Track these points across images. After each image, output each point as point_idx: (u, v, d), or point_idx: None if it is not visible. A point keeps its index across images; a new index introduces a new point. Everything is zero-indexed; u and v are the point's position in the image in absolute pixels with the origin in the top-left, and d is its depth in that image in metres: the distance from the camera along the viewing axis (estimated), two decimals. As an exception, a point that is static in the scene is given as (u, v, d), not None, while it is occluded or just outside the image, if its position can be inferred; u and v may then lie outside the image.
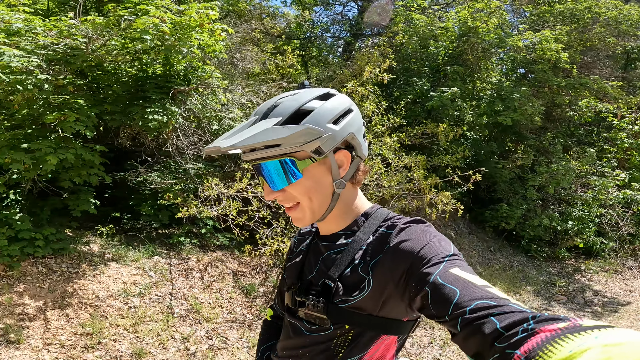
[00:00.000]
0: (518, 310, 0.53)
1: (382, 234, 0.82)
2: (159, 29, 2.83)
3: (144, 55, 3.43)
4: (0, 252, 3.31)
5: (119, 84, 3.66)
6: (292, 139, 0.77)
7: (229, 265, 4.56)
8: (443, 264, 0.67)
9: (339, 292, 0.81)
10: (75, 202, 4.10)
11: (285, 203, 0.84)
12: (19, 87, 2.88)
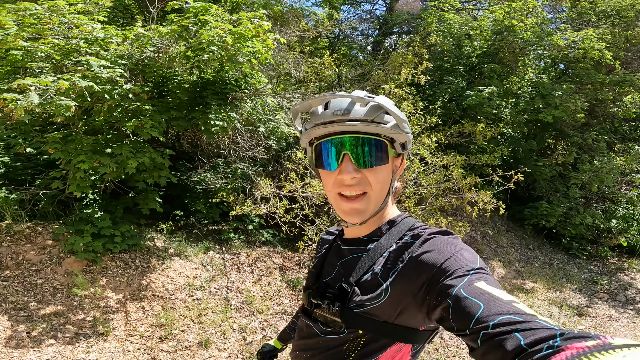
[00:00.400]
0: (545, 327, 0.51)
1: (406, 243, 0.82)
2: (222, 39, 3.12)
3: (201, 64, 3.74)
4: (86, 248, 3.74)
5: (181, 91, 4.00)
6: (400, 123, 0.83)
7: (275, 260, 4.86)
8: (468, 277, 0.66)
9: (355, 296, 0.81)
10: (144, 201, 4.53)
11: (354, 190, 0.82)
12: (106, 96, 3.26)
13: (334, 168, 0.82)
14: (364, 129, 0.80)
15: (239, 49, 3.55)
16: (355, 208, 0.83)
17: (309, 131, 0.84)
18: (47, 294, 3.46)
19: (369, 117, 0.80)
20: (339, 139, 0.81)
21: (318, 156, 0.86)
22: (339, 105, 0.81)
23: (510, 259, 6.48)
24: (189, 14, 3.76)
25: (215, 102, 3.97)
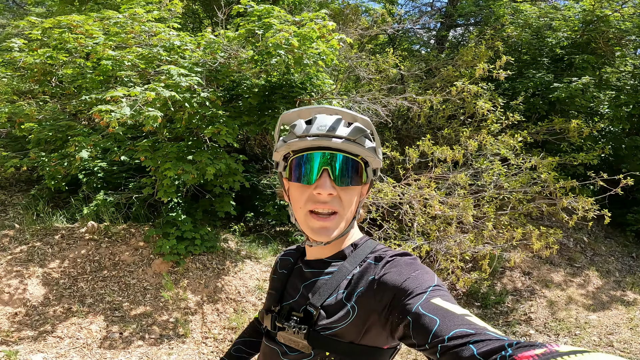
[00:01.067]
0: (495, 338, 0.54)
1: (369, 265, 0.84)
2: (289, 42, 3.07)
3: (268, 67, 3.73)
4: (171, 250, 3.94)
5: (251, 96, 4.04)
6: (377, 148, 0.86)
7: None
8: (425, 295, 0.69)
9: (321, 319, 0.82)
10: (220, 204, 4.70)
11: (327, 208, 0.83)
12: (186, 104, 3.39)
13: (312, 182, 0.82)
14: (346, 148, 0.81)
15: (305, 51, 3.48)
16: (326, 226, 0.83)
17: (288, 143, 0.83)
18: (139, 294, 3.70)
19: (352, 136, 0.81)
20: (320, 154, 0.82)
21: (293, 170, 0.85)
22: (324, 121, 0.82)
23: (610, 268, 5.69)
24: (253, 17, 3.77)
25: (283, 105, 3.96)
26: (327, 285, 0.84)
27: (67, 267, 3.80)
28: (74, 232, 4.23)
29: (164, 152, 3.75)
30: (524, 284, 5.21)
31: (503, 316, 4.71)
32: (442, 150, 5.03)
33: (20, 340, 3.07)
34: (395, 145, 5.76)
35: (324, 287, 0.85)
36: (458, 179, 4.92)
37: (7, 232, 4.18)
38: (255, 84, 4.03)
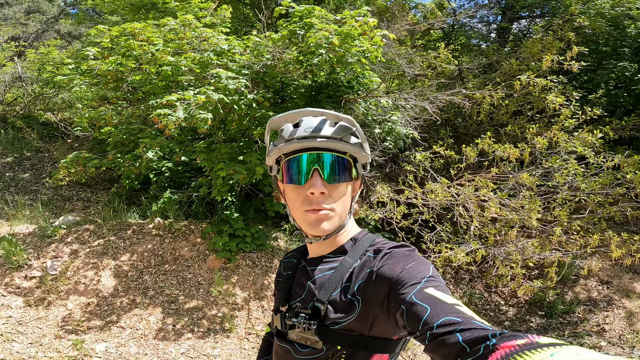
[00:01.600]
0: (481, 327, 0.56)
1: (368, 258, 0.86)
2: (329, 41, 3.06)
3: (313, 67, 3.75)
4: (224, 247, 4.15)
5: (298, 96, 4.11)
6: (363, 143, 0.90)
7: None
8: (420, 285, 0.71)
9: (329, 314, 0.84)
10: (270, 204, 4.84)
11: (319, 205, 0.85)
12: (235, 106, 3.55)
13: (303, 182, 0.85)
14: (332, 147, 0.85)
15: (347, 49, 3.45)
16: (321, 218, 0.85)
17: (278, 147, 0.87)
18: (193, 288, 3.94)
19: (337, 135, 0.85)
20: (309, 155, 0.85)
21: (286, 172, 0.88)
22: (310, 123, 0.86)
23: None
24: (295, 18, 3.83)
25: (330, 105, 3.96)
26: (331, 280, 0.87)
27: (135, 261, 4.18)
28: (143, 228, 4.65)
29: (218, 153, 3.97)
30: (600, 293, 4.61)
31: (571, 326, 4.23)
32: (504, 148, 4.65)
33: (88, 330, 3.41)
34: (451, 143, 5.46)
35: (328, 282, 0.87)
36: (523, 178, 4.50)
37: (88, 226, 4.73)
38: (302, 84, 4.09)
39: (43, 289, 3.73)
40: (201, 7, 4.14)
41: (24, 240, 4.39)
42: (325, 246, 0.93)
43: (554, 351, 0.42)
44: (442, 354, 0.57)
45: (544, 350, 0.42)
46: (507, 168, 4.87)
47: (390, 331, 0.84)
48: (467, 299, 4.58)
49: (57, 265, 4.02)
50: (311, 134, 0.84)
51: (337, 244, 0.93)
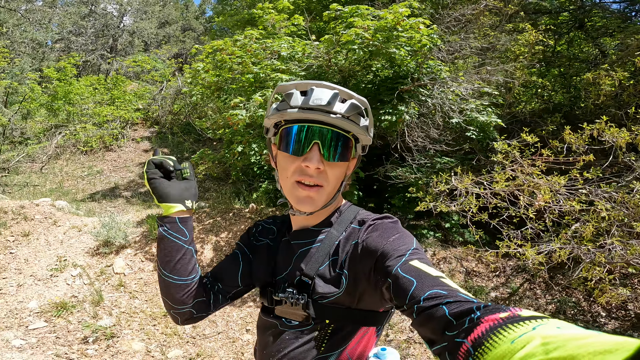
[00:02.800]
0: (466, 300, 0.56)
1: (353, 230, 0.86)
2: (361, 37, 3.17)
3: (372, 62, 3.88)
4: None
5: (358, 92, 4.31)
6: (369, 126, 0.86)
7: (466, 263, 4.31)
8: (405, 257, 0.71)
9: (317, 288, 0.83)
10: (344, 193, 5.18)
11: (312, 180, 0.83)
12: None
13: (302, 154, 0.83)
14: (339, 124, 0.82)
15: (389, 41, 3.47)
16: (310, 196, 0.85)
17: (282, 112, 0.84)
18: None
19: (347, 113, 0.82)
20: (313, 127, 0.82)
21: (283, 138, 0.85)
22: (320, 95, 0.81)
23: None
24: (341, 19, 4.03)
25: (389, 97, 4.04)
26: (318, 253, 0.86)
27: (230, 238, 5.12)
28: (242, 212, 5.62)
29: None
30: None
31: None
32: (613, 133, 3.85)
33: None
34: (551, 130, 4.76)
35: (315, 255, 0.86)
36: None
37: (205, 209, 5.97)
38: (361, 80, 4.29)
39: (167, 255, 4.96)
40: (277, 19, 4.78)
41: (164, 218, 5.86)
42: (310, 218, 0.91)
43: (536, 324, 0.42)
44: (430, 328, 0.57)
45: (525, 323, 0.43)
46: (631, 157, 4.03)
47: (377, 304, 0.85)
48: (554, 306, 3.96)
49: (179, 236, 5.28)
50: (318, 105, 0.80)
51: (323, 216, 0.92)
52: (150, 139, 11.64)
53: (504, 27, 5.60)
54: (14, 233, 5.55)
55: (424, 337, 0.59)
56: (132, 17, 18.37)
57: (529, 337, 0.39)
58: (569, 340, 0.34)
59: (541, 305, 3.75)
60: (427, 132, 4.55)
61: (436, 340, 0.55)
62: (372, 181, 6.11)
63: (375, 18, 3.70)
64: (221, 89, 5.04)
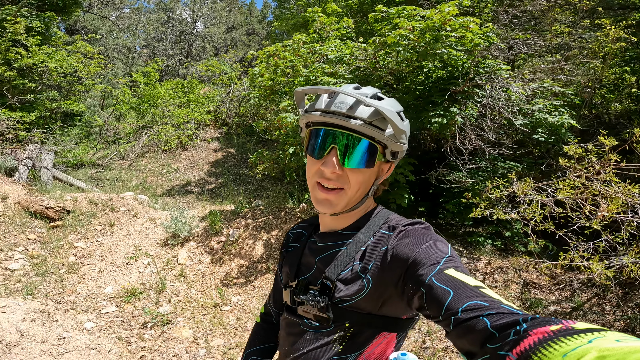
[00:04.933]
0: (510, 312, 0.53)
1: (383, 235, 0.83)
2: (406, 38, 3.04)
3: (425, 63, 3.72)
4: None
5: (410, 93, 4.16)
6: (397, 132, 0.82)
7: (525, 274, 3.94)
8: (439, 266, 0.68)
9: (338, 292, 0.82)
10: (393, 196, 5.06)
11: (331, 184, 0.82)
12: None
13: (319, 157, 0.83)
14: (359, 129, 0.79)
15: (437, 41, 3.29)
16: (328, 199, 0.84)
17: (309, 113, 0.85)
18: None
19: (368, 118, 0.79)
20: (331, 131, 0.81)
21: (308, 140, 0.86)
22: (344, 99, 0.80)
23: None
24: (387, 20, 3.89)
25: (439, 98, 3.85)
26: (342, 257, 0.85)
27: (280, 236, 5.31)
28: (293, 211, 5.79)
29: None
30: None
31: None
32: None
33: (234, 285, 4.64)
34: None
35: (338, 259, 0.85)
36: None
37: (260, 207, 6.26)
38: (413, 81, 4.14)
39: (223, 251, 5.31)
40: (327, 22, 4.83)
41: (225, 215, 6.27)
42: (338, 221, 0.90)
43: (592, 337, 0.39)
44: (469, 340, 0.54)
45: (580, 336, 0.40)
46: None
47: (401, 311, 0.83)
48: (623, 322, 3.44)
49: (235, 234, 5.61)
50: (340, 110, 0.79)
51: (351, 220, 0.90)
52: (219, 139, 12.51)
53: (579, 23, 4.98)
54: (102, 223, 6.39)
55: (461, 349, 0.55)
56: (203, 23, 19.90)
57: (583, 350, 0.36)
58: (629, 354, 0.32)
59: (608, 322, 3.32)
60: (484, 134, 4.24)
61: (476, 353, 0.52)
62: (426, 185, 5.87)
63: (422, 18, 3.55)
64: (275, 92, 5.23)
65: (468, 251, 4.54)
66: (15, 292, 4.28)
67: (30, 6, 10.42)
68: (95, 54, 11.71)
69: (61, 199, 6.58)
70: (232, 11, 20.89)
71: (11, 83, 9.68)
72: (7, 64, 9.61)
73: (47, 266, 5.06)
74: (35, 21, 10.26)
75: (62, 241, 5.67)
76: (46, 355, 3.07)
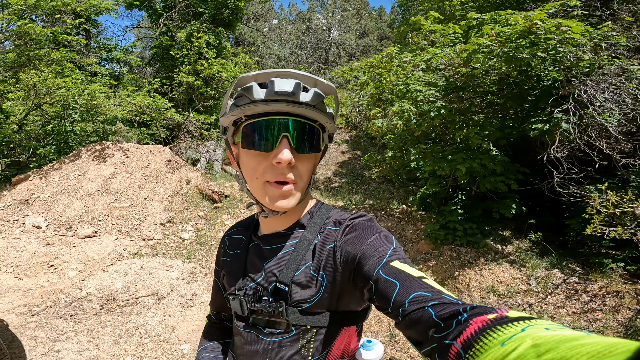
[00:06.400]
0: (450, 302, 0.56)
1: (329, 232, 0.82)
2: (485, 45, 2.86)
3: (527, 67, 3.45)
4: (431, 234, 4.72)
5: (512, 98, 3.87)
6: (335, 114, 0.81)
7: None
8: (385, 258, 0.70)
9: (294, 295, 0.80)
10: (497, 206, 4.75)
11: (284, 178, 0.77)
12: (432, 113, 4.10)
13: (271, 150, 0.76)
14: (306, 114, 0.76)
15: (528, 45, 3.02)
16: (285, 195, 0.78)
17: (242, 107, 0.76)
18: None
19: (312, 102, 0.75)
20: (280, 120, 0.76)
21: (247, 136, 0.78)
22: (282, 85, 0.73)
23: None
24: (478, 27, 3.67)
25: (545, 103, 3.53)
26: (293, 258, 0.82)
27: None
28: (393, 211, 6.01)
29: (427, 153, 4.63)
30: None
31: None
32: None
33: None
34: None
35: (290, 261, 0.82)
36: None
37: (365, 205, 6.67)
38: (517, 82, 3.86)
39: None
40: (433, 29, 4.89)
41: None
42: (280, 221, 0.87)
43: (525, 326, 0.42)
44: (416, 331, 0.56)
45: (514, 325, 0.43)
46: None
47: (356, 304, 0.84)
48: None
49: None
50: (282, 97, 0.73)
51: (294, 218, 0.87)
52: (348, 142, 13.40)
53: None
54: (245, 207, 7.91)
55: (410, 338, 0.59)
56: (337, 31, 21.25)
57: (518, 338, 0.39)
58: (561, 342, 0.34)
59: None
60: (615, 143, 3.60)
61: (423, 342, 0.55)
62: (538, 197, 5.22)
63: (511, 25, 3.32)
64: (380, 99, 5.57)
65: (584, 271, 3.95)
66: (180, 255, 5.86)
67: (206, 22, 13.33)
68: (252, 64, 14.12)
69: (222, 185, 8.40)
70: (363, 17, 21.68)
71: (199, 90, 12.59)
72: (195, 74, 12.53)
73: (205, 238, 6.64)
74: (212, 36, 13.06)
75: (218, 219, 7.29)
76: (179, 306, 4.18)
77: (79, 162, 7.61)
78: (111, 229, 6.39)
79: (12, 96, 8.35)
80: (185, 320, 3.90)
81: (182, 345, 3.43)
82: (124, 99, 9.75)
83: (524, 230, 4.87)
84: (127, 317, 3.88)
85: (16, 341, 3.16)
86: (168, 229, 6.74)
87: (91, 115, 9.32)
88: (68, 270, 5.08)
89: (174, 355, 3.27)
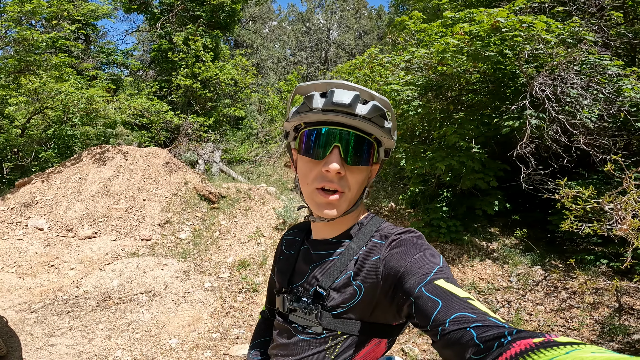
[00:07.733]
0: (496, 325, 0.54)
1: (375, 245, 0.83)
2: (452, 45, 2.96)
3: (502, 65, 3.52)
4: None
5: (482, 95, 3.96)
6: (393, 129, 0.83)
7: (628, 299, 3.34)
8: (430, 276, 0.69)
9: (330, 300, 0.83)
10: (480, 203, 4.85)
11: (332, 187, 0.80)
12: (410, 113, 4.21)
13: (321, 157, 0.80)
14: (361, 126, 0.79)
15: (479, 46, 3.11)
16: (331, 203, 0.82)
17: (301, 115, 0.81)
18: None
19: (369, 115, 0.78)
20: (333, 130, 0.79)
21: (304, 142, 0.83)
22: (340, 96, 0.77)
23: None
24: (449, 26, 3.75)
25: (517, 100, 3.62)
26: (335, 266, 0.85)
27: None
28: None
29: (413, 152, 4.73)
30: None
31: None
32: None
33: None
34: None
35: (332, 268, 0.85)
36: None
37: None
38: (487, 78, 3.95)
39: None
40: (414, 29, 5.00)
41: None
42: (330, 228, 0.90)
43: (570, 349, 0.40)
44: (454, 351, 0.55)
45: (560, 348, 0.41)
46: None
47: (391, 318, 0.84)
48: None
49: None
50: (339, 107, 0.76)
51: (343, 227, 0.89)
52: (348, 140, 13.54)
53: None
54: (241, 207, 8.06)
55: (446, 359, 0.58)
56: (336, 31, 21.33)
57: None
58: None
59: None
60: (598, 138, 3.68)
61: None
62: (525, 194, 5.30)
63: (479, 23, 3.41)
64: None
65: (565, 268, 4.04)
66: (176, 255, 6.04)
67: (203, 25, 13.49)
68: (249, 66, 14.28)
69: (219, 186, 8.58)
70: (362, 17, 21.71)
71: (197, 93, 12.80)
72: (193, 77, 12.73)
73: (201, 238, 6.81)
74: (208, 39, 13.24)
75: (214, 219, 7.45)
76: (172, 303, 4.36)
77: (80, 165, 7.83)
78: (111, 230, 6.58)
79: (13, 101, 8.59)
80: (176, 317, 4.07)
81: (170, 339, 3.59)
82: (123, 103, 9.96)
83: (509, 227, 4.96)
84: (121, 313, 4.05)
85: (14, 336, 3.34)
86: (166, 229, 6.92)
87: (91, 119, 9.54)
88: (68, 270, 5.27)
89: (162, 349, 3.43)
